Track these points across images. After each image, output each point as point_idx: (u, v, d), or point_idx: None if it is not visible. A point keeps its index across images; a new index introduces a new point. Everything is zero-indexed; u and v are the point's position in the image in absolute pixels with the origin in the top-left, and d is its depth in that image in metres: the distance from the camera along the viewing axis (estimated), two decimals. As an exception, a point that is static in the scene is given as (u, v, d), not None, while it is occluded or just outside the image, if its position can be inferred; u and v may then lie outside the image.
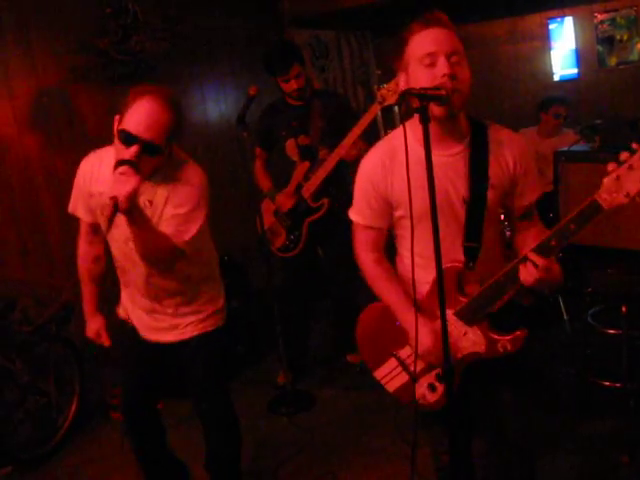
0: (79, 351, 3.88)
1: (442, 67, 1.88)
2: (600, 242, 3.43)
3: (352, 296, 4.27)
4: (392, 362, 2.31)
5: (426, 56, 1.90)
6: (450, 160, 2.03)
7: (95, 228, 2.68)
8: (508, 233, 2.35)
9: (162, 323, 2.66)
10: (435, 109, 1.88)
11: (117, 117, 2.29)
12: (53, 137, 4.05)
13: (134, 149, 2.21)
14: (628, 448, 3.06)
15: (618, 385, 3.56)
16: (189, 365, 2.77)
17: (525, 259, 1.91)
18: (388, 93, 3.54)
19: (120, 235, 2.45)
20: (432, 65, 1.90)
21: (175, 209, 2.39)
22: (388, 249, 2.31)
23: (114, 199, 2.09)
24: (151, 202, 2.41)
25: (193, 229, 2.42)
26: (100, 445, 3.83)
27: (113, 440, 3.77)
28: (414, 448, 2.17)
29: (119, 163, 2.18)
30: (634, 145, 1.69)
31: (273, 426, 3.88)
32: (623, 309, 3.49)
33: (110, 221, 2.12)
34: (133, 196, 2.12)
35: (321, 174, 3.96)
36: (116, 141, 2.28)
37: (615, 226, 3.35)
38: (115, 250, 2.59)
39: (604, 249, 3.47)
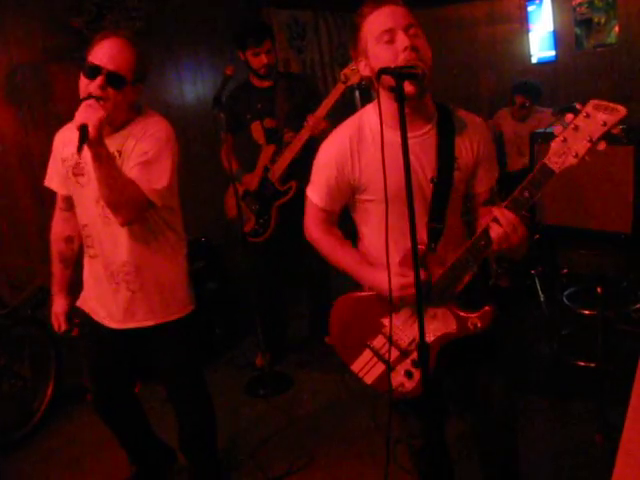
0: (55, 334, 3.85)
1: (402, 41, 1.86)
2: (575, 223, 3.46)
3: (327, 278, 4.26)
4: (367, 354, 2.29)
5: (384, 33, 1.88)
6: (417, 141, 2.02)
7: (69, 203, 2.66)
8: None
9: (122, 303, 2.60)
10: (407, 87, 1.85)
11: (82, 63, 2.36)
12: (27, 117, 3.99)
13: (99, 80, 2.27)
14: (602, 427, 3.10)
15: (593, 365, 3.61)
16: (157, 352, 2.74)
17: (494, 220, 1.88)
18: (352, 72, 3.51)
19: (90, 193, 2.43)
20: (391, 41, 1.88)
21: (141, 156, 2.39)
22: (349, 233, 2.31)
23: (83, 126, 2.10)
24: (120, 152, 2.42)
25: (163, 179, 2.41)
26: (77, 428, 3.81)
27: (90, 423, 3.75)
28: (388, 433, 2.18)
29: (84, 98, 2.23)
30: (577, 106, 1.70)
31: (251, 408, 3.88)
32: (598, 290, 3.53)
33: (79, 148, 2.10)
34: (101, 125, 2.13)
35: (287, 157, 3.93)
36: (82, 78, 2.32)
37: (590, 207, 3.38)
38: (84, 215, 2.55)
39: (579, 230, 3.50)
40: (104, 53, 2.30)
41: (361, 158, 2.08)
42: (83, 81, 2.32)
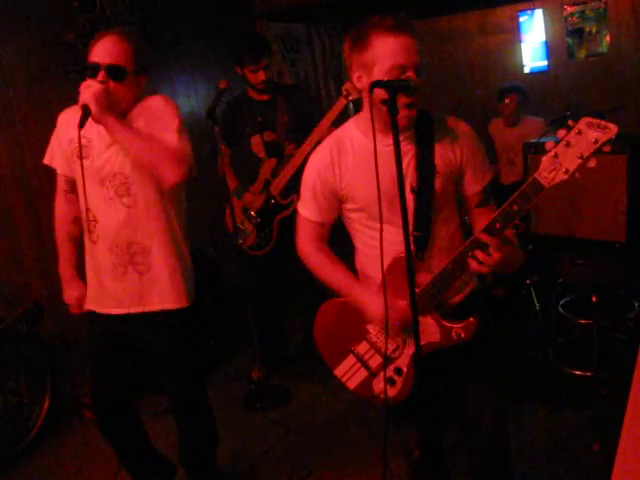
0: (50, 349, 3.85)
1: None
2: (570, 232, 3.47)
3: (325, 291, 4.25)
4: (351, 359, 2.32)
5: (396, 67, 1.90)
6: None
7: (73, 185, 2.64)
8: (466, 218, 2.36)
9: (129, 286, 2.57)
10: (402, 121, 1.89)
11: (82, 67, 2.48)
12: (20, 132, 3.99)
13: (100, 76, 2.35)
14: (599, 436, 3.10)
15: (589, 374, 3.61)
16: (156, 345, 2.69)
17: (476, 241, 1.91)
18: (353, 87, 3.51)
19: (95, 175, 2.46)
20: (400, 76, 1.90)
21: (154, 123, 2.46)
22: (345, 246, 2.33)
23: (84, 106, 2.24)
24: None
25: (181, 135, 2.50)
26: (73, 444, 3.80)
27: (87, 439, 3.74)
28: (385, 443, 2.18)
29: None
30: (570, 122, 1.71)
31: (248, 421, 3.87)
32: (593, 299, 3.54)
33: (81, 124, 2.25)
34: (101, 97, 2.26)
35: (289, 171, 3.92)
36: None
37: (584, 216, 3.39)
38: (88, 198, 2.53)
39: (574, 240, 3.51)
40: (99, 50, 2.37)
41: (341, 168, 2.13)
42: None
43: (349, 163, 2.11)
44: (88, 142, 2.47)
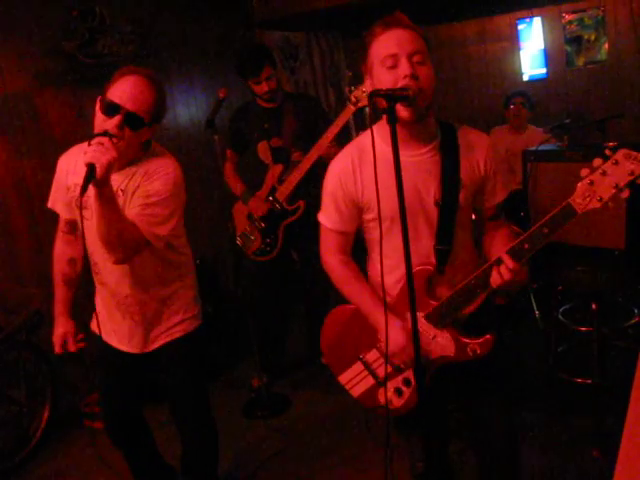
0: (50, 358, 3.84)
1: (404, 68, 1.88)
2: (570, 240, 3.47)
3: (327, 298, 4.26)
4: (358, 366, 2.30)
5: (388, 58, 1.90)
6: (419, 160, 2.03)
7: (72, 226, 2.64)
8: None
9: (131, 331, 2.61)
10: (402, 112, 1.88)
11: (100, 98, 2.29)
12: (20, 142, 3.99)
13: (117, 119, 2.22)
14: (599, 443, 3.09)
15: (589, 382, 3.60)
16: (163, 371, 2.74)
17: (499, 261, 1.92)
18: (362, 94, 3.53)
19: (94, 226, 2.37)
20: (394, 67, 1.90)
21: (146, 197, 2.34)
22: (360, 253, 2.31)
23: (91, 165, 2.02)
24: (123, 191, 2.39)
25: (165, 225, 2.37)
26: (74, 454, 3.79)
27: (87, 449, 3.73)
28: (387, 453, 2.17)
29: (98, 134, 2.15)
30: (607, 152, 1.73)
31: (249, 430, 3.86)
32: (593, 306, 3.53)
33: (83, 188, 2.03)
34: (110, 167, 2.06)
35: (296, 177, 3.92)
36: (98, 113, 2.27)
37: (585, 224, 3.39)
38: (89, 244, 2.50)
39: (574, 247, 3.50)
40: (124, 91, 2.24)
41: (363, 176, 2.10)
42: (99, 116, 2.26)
43: (370, 172, 2.04)
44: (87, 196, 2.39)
